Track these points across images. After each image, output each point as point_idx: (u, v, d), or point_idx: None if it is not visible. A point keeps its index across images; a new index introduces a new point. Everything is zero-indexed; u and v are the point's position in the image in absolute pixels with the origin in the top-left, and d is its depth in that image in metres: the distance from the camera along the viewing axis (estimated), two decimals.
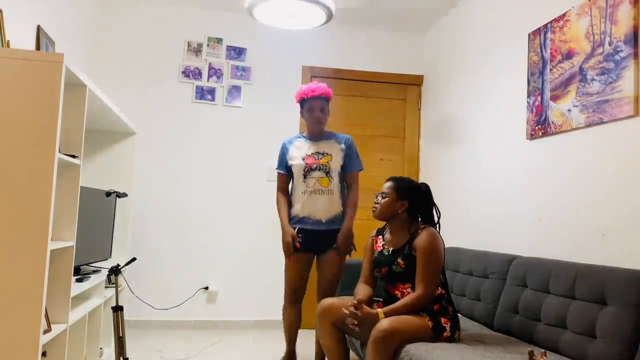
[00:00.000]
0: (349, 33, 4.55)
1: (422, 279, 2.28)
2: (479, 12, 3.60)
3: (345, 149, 3.04)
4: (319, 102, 3.00)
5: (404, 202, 2.44)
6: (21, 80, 1.89)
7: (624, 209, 2.19)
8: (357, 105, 4.54)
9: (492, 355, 2.02)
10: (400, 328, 2.14)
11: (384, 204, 2.46)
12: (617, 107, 2.24)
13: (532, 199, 2.83)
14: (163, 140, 4.21)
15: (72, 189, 2.21)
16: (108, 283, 3.00)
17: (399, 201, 2.44)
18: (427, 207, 2.50)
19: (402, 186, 2.47)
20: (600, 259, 2.28)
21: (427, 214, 2.49)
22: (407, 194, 2.45)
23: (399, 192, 2.45)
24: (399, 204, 2.44)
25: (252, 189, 4.32)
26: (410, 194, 2.46)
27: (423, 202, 2.49)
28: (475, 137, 3.52)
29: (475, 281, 2.88)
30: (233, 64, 4.33)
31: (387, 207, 2.45)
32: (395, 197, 2.44)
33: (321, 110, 3.02)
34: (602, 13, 2.37)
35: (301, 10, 3.50)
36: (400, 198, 2.44)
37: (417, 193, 2.48)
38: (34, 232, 1.85)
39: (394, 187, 2.46)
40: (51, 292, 2.10)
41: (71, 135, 2.20)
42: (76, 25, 3.60)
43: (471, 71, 3.65)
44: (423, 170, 4.45)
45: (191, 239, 4.21)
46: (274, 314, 4.23)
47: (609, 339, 1.90)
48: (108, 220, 3.29)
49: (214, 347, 3.62)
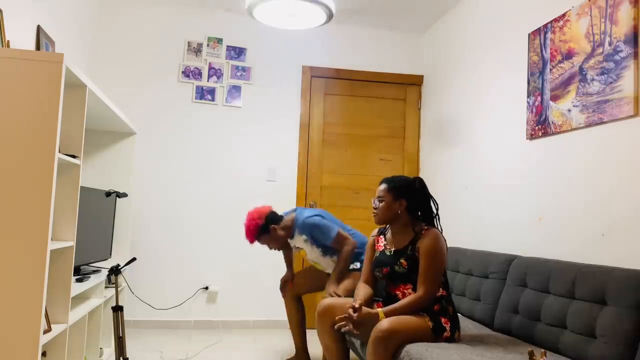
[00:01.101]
0: (349, 33, 4.55)
1: (424, 280, 2.27)
2: (479, 12, 3.60)
3: (309, 239, 3.01)
4: (260, 241, 3.04)
5: (402, 201, 2.41)
6: (21, 80, 1.89)
7: (624, 209, 2.19)
8: (357, 105, 4.54)
9: (492, 355, 2.02)
10: (400, 328, 2.14)
11: (382, 208, 2.43)
12: (617, 107, 2.24)
13: (532, 199, 2.83)
14: (163, 140, 4.21)
15: (72, 189, 2.21)
16: (108, 283, 3.01)
17: (396, 202, 2.41)
18: (425, 202, 2.46)
19: (396, 186, 2.43)
20: (600, 259, 2.28)
21: (426, 208, 2.46)
22: (403, 193, 2.42)
23: (395, 192, 2.42)
24: (398, 205, 2.41)
25: (252, 188, 4.32)
26: (407, 191, 2.43)
27: (420, 197, 2.45)
28: (475, 137, 3.52)
29: (475, 281, 2.88)
30: (233, 64, 4.33)
31: (386, 210, 2.42)
32: (392, 199, 2.42)
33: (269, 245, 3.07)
34: (602, 13, 2.37)
35: (301, 10, 3.50)
36: (397, 198, 2.41)
37: (413, 189, 2.44)
38: (34, 232, 1.85)
39: (389, 188, 2.43)
40: (51, 292, 2.10)
41: (71, 135, 2.20)
42: (76, 25, 3.60)
43: (471, 71, 3.65)
44: (423, 170, 4.45)
45: (191, 239, 4.21)
46: (274, 314, 4.24)
47: (609, 339, 1.90)
48: (108, 220, 3.29)
49: (214, 347, 3.62)
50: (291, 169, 4.39)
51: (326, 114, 4.49)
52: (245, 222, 2.98)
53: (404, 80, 4.58)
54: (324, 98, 4.50)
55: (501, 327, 2.54)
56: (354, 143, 4.52)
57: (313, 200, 4.40)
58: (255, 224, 2.95)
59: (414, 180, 2.48)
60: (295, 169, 4.40)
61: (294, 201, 4.36)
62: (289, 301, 3.22)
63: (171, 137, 4.23)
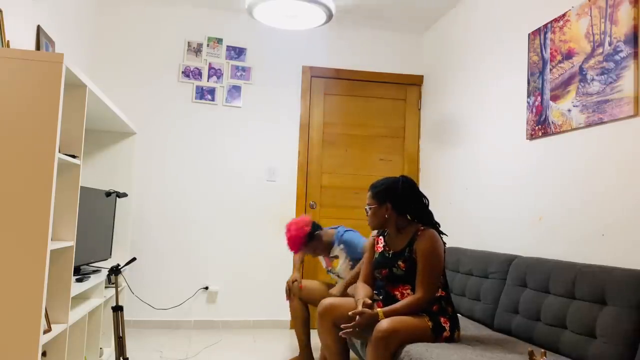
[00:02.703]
0: (349, 33, 4.55)
1: (422, 282, 2.27)
2: (479, 12, 3.60)
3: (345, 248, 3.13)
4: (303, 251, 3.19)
5: (387, 204, 2.41)
6: (21, 80, 1.89)
7: (624, 209, 2.19)
8: (357, 105, 4.54)
9: (492, 355, 2.02)
10: (400, 328, 2.14)
11: (371, 215, 2.46)
12: (617, 107, 2.24)
13: (532, 199, 2.83)
14: (163, 140, 4.21)
15: (72, 189, 2.21)
16: (108, 283, 3.00)
17: (382, 206, 2.42)
18: (414, 199, 2.43)
19: (378, 191, 2.44)
20: (600, 259, 2.28)
21: (417, 205, 2.43)
22: (386, 196, 2.42)
23: (378, 197, 2.43)
24: (384, 209, 2.42)
25: (252, 188, 4.32)
26: (389, 194, 2.42)
27: (406, 196, 2.42)
28: (475, 137, 3.52)
29: (475, 281, 2.88)
30: (233, 64, 4.33)
31: (375, 217, 2.45)
32: (377, 204, 2.43)
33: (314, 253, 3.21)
34: (602, 13, 2.37)
35: (301, 10, 3.50)
36: (382, 203, 2.42)
37: (396, 190, 2.42)
38: (34, 232, 1.85)
39: (373, 194, 2.45)
40: (51, 292, 2.10)
41: (71, 135, 2.20)
42: (76, 25, 3.60)
43: (471, 71, 3.65)
44: (423, 170, 4.45)
45: (191, 238, 4.21)
46: (274, 314, 4.24)
47: (609, 339, 1.90)
48: (108, 220, 3.29)
49: (214, 347, 3.62)
50: (291, 169, 4.39)
51: (326, 114, 4.49)
52: (292, 231, 3.08)
53: (404, 80, 4.58)
54: (323, 98, 4.50)
55: (501, 327, 2.54)
56: (354, 143, 4.52)
57: (313, 200, 4.40)
58: (304, 232, 3.08)
59: (398, 180, 2.46)
60: (295, 169, 4.40)
61: (294, 201, 4.36)
62: (295, 301, 3.20)
63: (171, 137, 4.23)
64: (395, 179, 2.47)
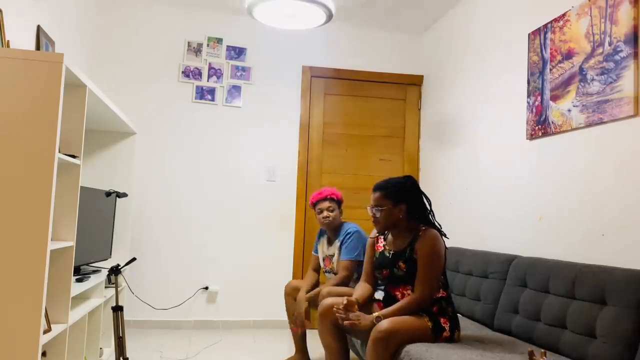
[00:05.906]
0: (349, 33, 4.55)
1: (422, 281, 2.27)
2: (479, 12, 3.60)
3: (339, 244, 3.14)
4: (325, 203, 3.17)
5: (402, 205, 2.36)
6: (21, 80, 1.89)
7: (624, 209, 2.19)
8: (357, 105, 4.54)
9: (492, 355, 2.02)
10: (400, 328, 2.14)
11: (383, 216, 2.36)
12: (617, 107, 2.24)
13: (532, 199, 2.83)
14: (163, 140, 4.21)
15: (72, 189, 2.21)
16: (108, 283, 3.00)
17: (397, 207, 2.36)
18: (420, 200, 2.41)
19: (393, 191, 2.36)
20: (600, 259, 2.28)
21: (422, 206, 2.41)
22: (402, 197, 2.36)
23: (393, 198, 2.35)
24: (398, 210, 2.36)
25: (252, 188, 4.32)
26: (404, 195, 2.37)
27: (416, 196, 2.40)
28: (475, 137, 3.52)
29: (475, 281, 2.88)
30: (233, 64, 4.33)
31: (388, 218, 2.36)
32: (392, 205, 2.35)
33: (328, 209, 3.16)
34: (602, 13, 2.37)
35: (301, 10, 3.50)
36: (397, 204, 2.35)
37: (409, 191, 2.39)
38: (34, 232, 1.85)
39: (386, 194, 2.36)
40: (51, 292, 2.10)
41: (71, 135, 2.20)
42: (76, 25, 3.60)
43: (471, 71, 3.65)
44: (423, 170, 4.45)
45: (191, 239, 4.21)
46: (274, 314, 4.24)
47: (609, 339, 1.90)
48: (108, 220, 3.29)
49: (214, 347, 3.62)
50: (291, 169, 4.39)
51: (326, 114, 4.49)
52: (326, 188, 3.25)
53: (404, 80, 4.58)
54: (323, 98, 4.50)
55: (501, 327, 2.54)
56: (354, 143, 4.52)
57: None
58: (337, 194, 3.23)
59: (405, 180, 2.42)
60: (295, 169, 4.40)
61: (294, 201, 4.36)
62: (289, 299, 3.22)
63: (171, 137, 4.23)
64: (403, 179, 2.42)
